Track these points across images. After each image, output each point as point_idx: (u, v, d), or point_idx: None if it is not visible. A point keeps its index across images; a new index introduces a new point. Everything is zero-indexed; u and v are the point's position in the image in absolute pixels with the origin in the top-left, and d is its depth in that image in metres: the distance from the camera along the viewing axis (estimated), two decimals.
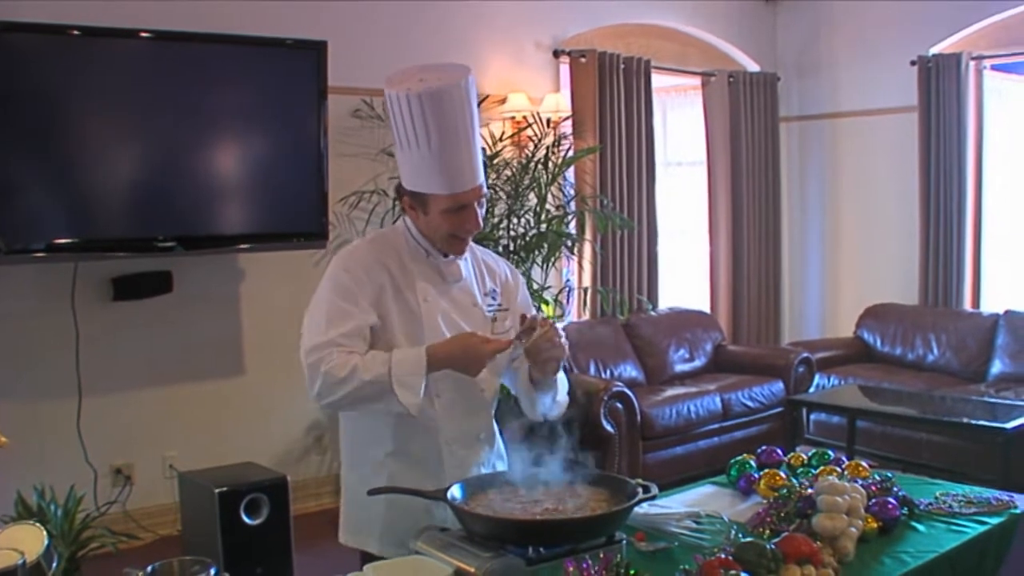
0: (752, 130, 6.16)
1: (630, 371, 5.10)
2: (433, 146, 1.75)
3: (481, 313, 1.91)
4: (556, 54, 5.29)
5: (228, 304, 4.26)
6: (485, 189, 1.84)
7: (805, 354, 5.32)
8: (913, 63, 5.65)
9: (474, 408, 1.90)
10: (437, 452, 1.85)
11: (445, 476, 1.83)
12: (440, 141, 1.75)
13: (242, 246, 3.99)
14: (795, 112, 6.40)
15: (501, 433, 2.00)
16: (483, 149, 4.43)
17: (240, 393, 4.30)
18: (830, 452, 2.16)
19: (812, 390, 5.22)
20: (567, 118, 5.12)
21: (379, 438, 1.86)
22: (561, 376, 1.92)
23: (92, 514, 2.74)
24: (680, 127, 6.14)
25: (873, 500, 1.80)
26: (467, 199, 1.80)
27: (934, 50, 5.71)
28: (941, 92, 5.58)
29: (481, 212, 1.84)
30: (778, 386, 5.16)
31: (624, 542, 1.65)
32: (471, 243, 1.93)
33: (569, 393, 1.96)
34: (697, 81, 6.09)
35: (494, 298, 1.96)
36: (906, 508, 1.86)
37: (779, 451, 2.18)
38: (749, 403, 5.01)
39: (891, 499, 1.81)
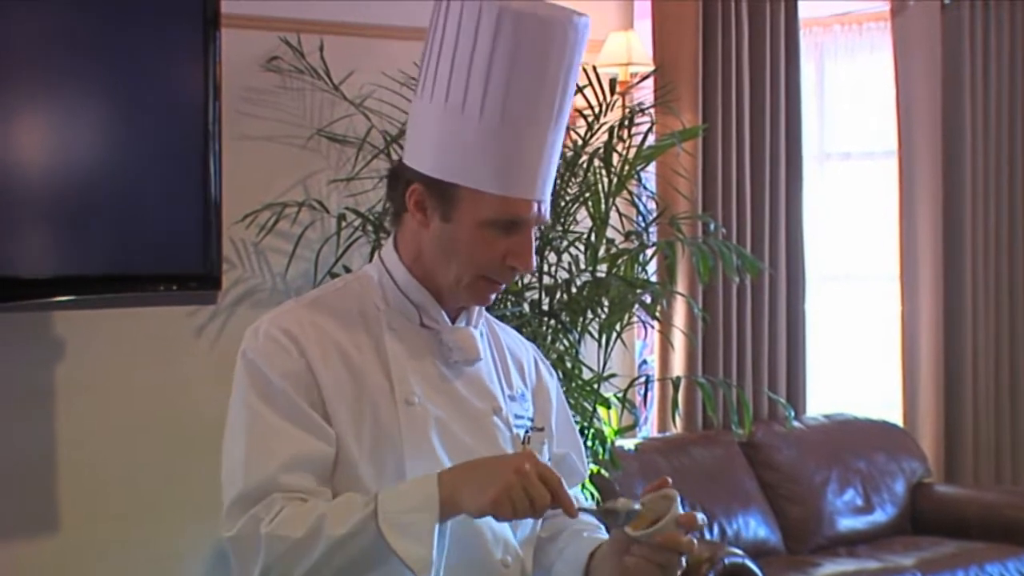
0: (989, 92, 6.14)
1: (756, 528, 5.18)
2: (495, 112, 1.88)
3: (504, 428, 2.02)
4: None
5: (32, 402, 4.23)
6: (547, 212, 1.97)
7: None
8: None
9: None
10: None
11: None
12: (515, 106, 1.88)
13: (59, 299, 4.00)
14: None
15: None
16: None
17: (50, 564, 4.25)
18: None
19: None
20: (646, 77, 5.17)
21: None
22: None
23: None
24: (849, 91, 6.16)
25: None
26: (526, 213, 1.92)
27: None
28: None
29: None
30: None
31: None
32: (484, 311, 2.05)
33: None
34: (884, 6, 6.15)
35: (523, 406, 2.07)
36: None
37: None
38: None
39: None
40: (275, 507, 1.84)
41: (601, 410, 4.55)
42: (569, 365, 4.41)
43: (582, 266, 4.62)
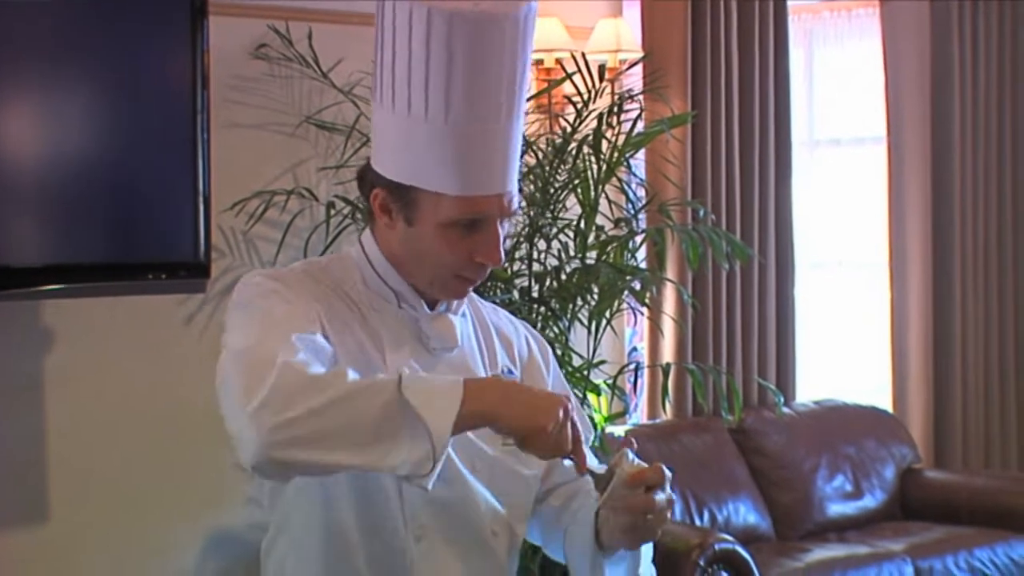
0: (977, 78, 6.15)
1: (746, 514, 5.21)
2: (440, 113, 1.86)
3: None
4: None
5: (19, 392, 4.23)
6: (516, 202, 1.95)
7: None
8: None
9: (478, 569, 2.00)
10: None
11: None
12: (460, 105, 1.86)
13: (47, 287, 3.99)
14: None
15: None
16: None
17: (40, 554, 4.25)
18: None
19: None
20: (635, 64, 5.18)
21: None
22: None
23: None
24: (838, 78, 6.20)
25: None
26: (489, 209, 1.91)
27: None
28: None
29: (504, 236, 1.95)
30: None
31: None
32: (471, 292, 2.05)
33: (654, 561, 2.04)
34: None
35: None
36: None
37: None
38: None
39: None
40: (295, 350, 1.77)
41: (591, 397, 4.55)
42: (559, 352, 4.39)
43: (571, 253, 4.63)
